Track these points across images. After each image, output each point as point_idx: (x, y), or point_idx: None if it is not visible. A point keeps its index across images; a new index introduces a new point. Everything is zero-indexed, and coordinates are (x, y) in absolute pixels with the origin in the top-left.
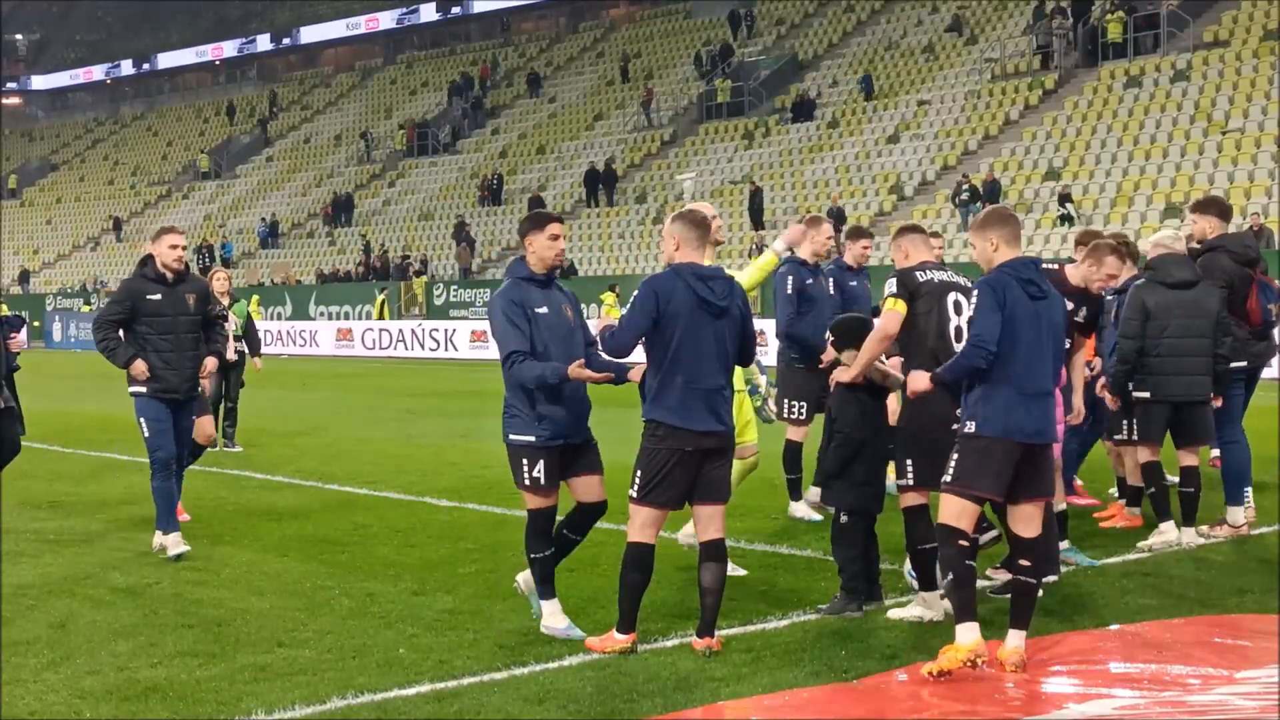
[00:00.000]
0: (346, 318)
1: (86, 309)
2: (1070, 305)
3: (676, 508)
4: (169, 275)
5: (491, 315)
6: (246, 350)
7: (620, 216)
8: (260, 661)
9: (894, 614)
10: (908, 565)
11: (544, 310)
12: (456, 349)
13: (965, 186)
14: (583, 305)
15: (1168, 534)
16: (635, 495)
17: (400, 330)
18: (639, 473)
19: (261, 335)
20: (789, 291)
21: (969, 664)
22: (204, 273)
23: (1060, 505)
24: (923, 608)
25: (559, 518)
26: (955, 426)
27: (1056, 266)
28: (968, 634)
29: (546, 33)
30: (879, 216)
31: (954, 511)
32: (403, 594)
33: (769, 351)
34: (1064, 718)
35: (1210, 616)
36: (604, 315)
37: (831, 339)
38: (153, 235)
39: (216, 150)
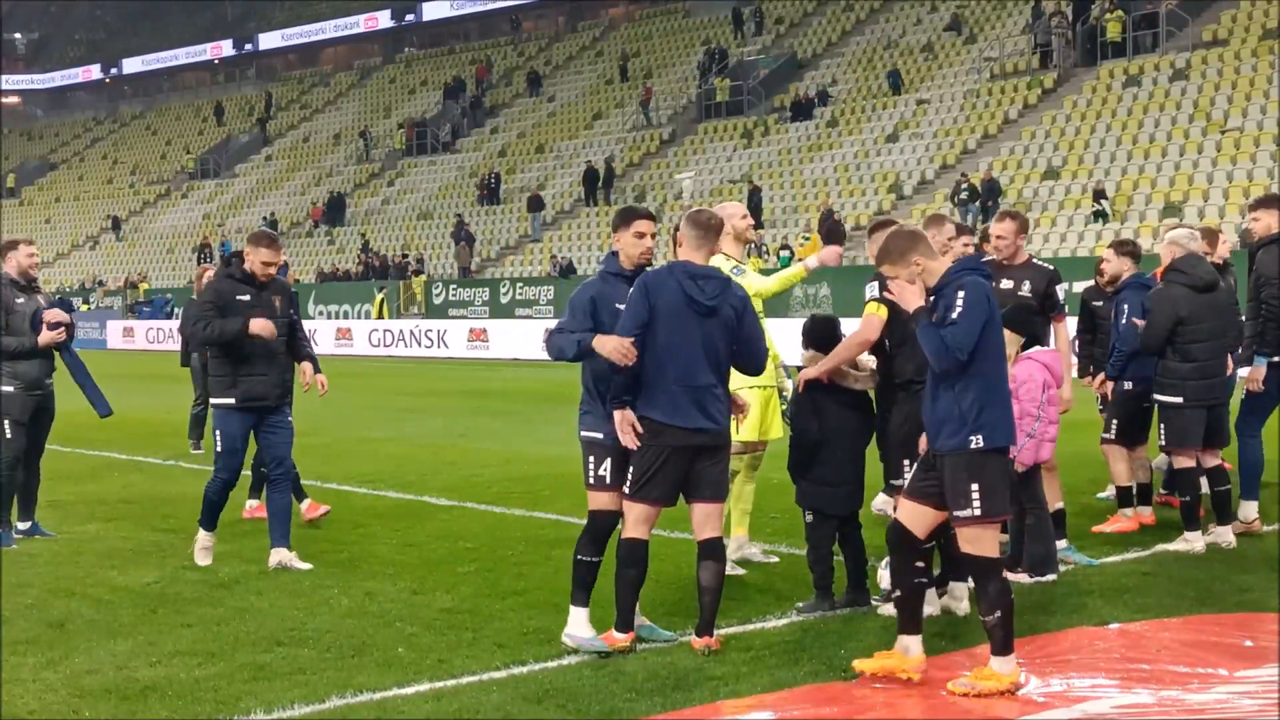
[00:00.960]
0: (346, 317)
1: (85, 308)
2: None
3: (669, 504)
4: (259, 277)
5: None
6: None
7: None
8: (259, 661)
9: (889, 610)
10: (884, 564)
11: (623, 306)
12: (454, 348)
13: (964, 185)
14: None
15: (1195, 543)
16: (628, 492)
17: (399, 329)
18: (631, 469)
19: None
20: None
21: (908, 678)
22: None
23: (1057, 505)
24: None
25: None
26: None
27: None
28: (1008, 665)
29: (545, 32)
30: (878, 215)
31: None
32: (401, 593)
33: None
34: (1063, 716)
35: (1210, 615)
36: None
37: (802, 338)
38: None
39: (215, 149)
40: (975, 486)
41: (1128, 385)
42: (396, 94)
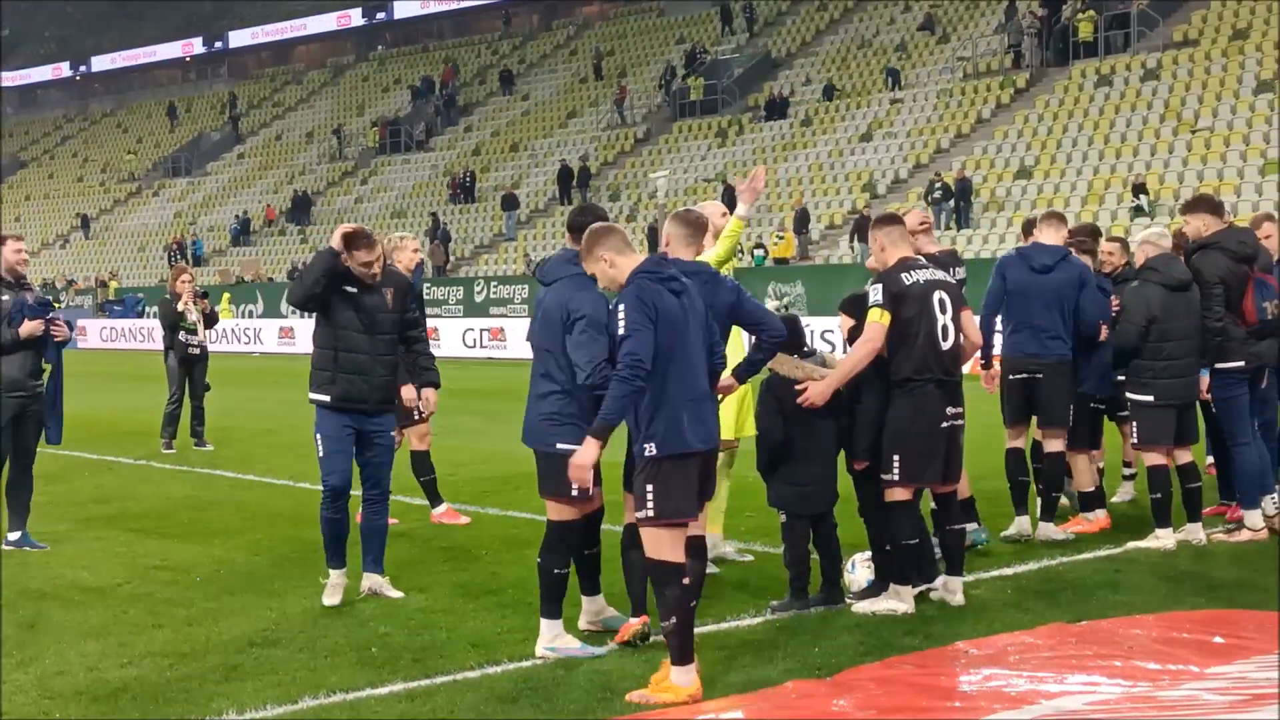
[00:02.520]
0: None
1: (56, 307)
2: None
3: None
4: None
5: None
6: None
7: None
8: (231, 661)
9: (863, 607)
10: (856, 559)
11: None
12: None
13: (938, 185)
14: None
15: (1166, 541)
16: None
17: None
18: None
19: (233, 331)
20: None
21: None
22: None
23: (965, 494)
24: (895, 600)
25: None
26: (946, 425)
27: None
28: (686, 676)
29: (519, 30)
30: (851, 214)
31: (659, 542)
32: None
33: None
34: (1036, 713)
35: (1181, 612)
36: None
37: None
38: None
39: (186, 147)
40: (650, 488)
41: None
42: (370, 92)
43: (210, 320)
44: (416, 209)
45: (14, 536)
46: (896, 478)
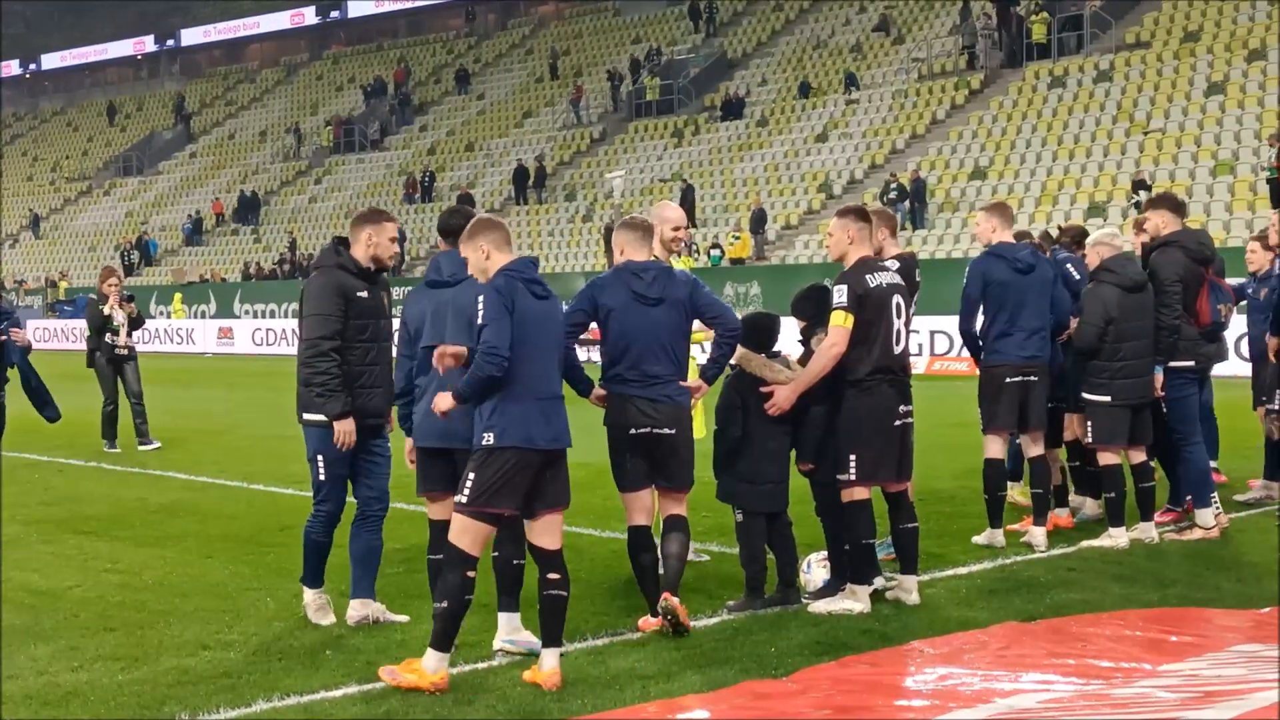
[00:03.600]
0: (272, 315)
1: (14, 306)
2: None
3: (642, 488)
4: (383, 262)
5: None
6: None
7: (549, 214)
8: (184, 665)
9: (819, 607)
10: (812, 559)
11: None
12: None
13: (893, 185)
14: None
15: (1119, 539)
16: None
17: None
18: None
19: (189, 332)
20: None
21: (432, 691)
22: (128, 271)
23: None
24: (851, 600)
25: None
26: (899, 423)
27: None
28: (438, 662)
29: (475, 29)
30: (808, 215)
31: (464, 531)
32: (329, 595)
33: None
34: (990, 712)
35: (1134, 610)
36: None
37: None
38: (357, 220)
39: (138, 146)
40: (472, 476)
41: None
42: (324, 91)
43: (136, 324)
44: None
45: None
46: (854, 477)
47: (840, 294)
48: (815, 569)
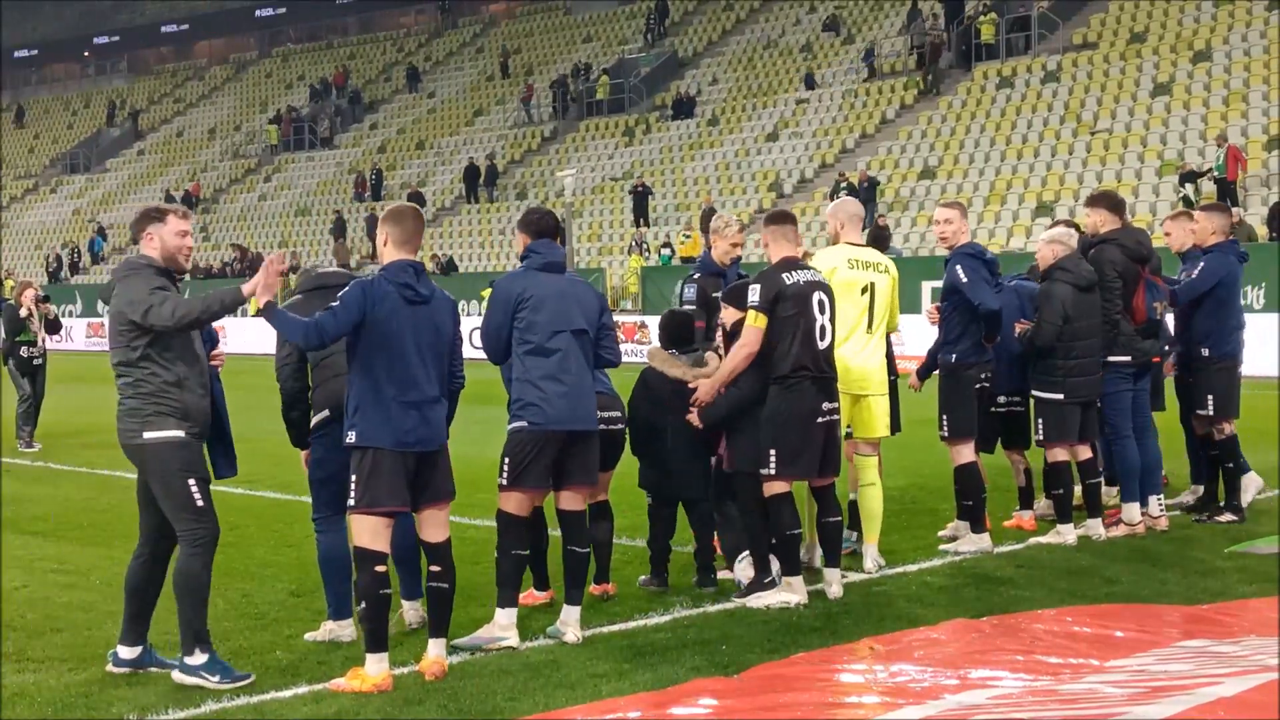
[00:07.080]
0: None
1: None
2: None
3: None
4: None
5: None
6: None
7: (500, 213)
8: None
9: (756, 601)
10: (741, 563)
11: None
12: None
13: (843, 184)
14: (461, 302)
15: (1067, 536)
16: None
17: None
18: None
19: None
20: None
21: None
22: (73, 270)
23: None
24: (788, 593)
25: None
26: (822, 419)
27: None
28: (377, 665)
29: (425, 27)
30: (758, 213)
31: (361, 529)
32: (279, 595)
33: None
34: (939, 708)
35: (1081, 606)
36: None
37: (659, 332)
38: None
39: (85, 143)
40: (355, 478)
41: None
42: (273, 88)
43: (53, 327)
44: (320, 207)
45: None
46: (773, 471)
47: (753, 294)
48: (739, 566)
